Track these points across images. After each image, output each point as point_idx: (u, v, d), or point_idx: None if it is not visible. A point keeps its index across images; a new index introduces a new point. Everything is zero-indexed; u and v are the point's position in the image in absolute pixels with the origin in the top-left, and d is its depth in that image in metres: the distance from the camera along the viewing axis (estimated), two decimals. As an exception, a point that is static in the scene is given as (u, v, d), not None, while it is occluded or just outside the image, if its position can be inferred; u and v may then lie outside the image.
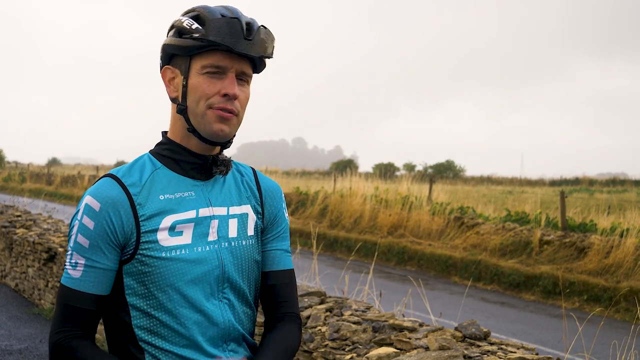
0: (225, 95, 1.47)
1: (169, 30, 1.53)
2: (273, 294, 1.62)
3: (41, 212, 11.62)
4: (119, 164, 54.91)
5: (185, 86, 1.48)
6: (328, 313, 3.80)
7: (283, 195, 1.71)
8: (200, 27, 1.44)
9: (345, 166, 45.04)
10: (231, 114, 1.49)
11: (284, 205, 1.70)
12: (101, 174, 36.56)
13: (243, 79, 1.51)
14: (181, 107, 1.49)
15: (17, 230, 8.65)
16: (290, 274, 1.65)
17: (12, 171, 44.58)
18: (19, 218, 9.50)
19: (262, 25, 1.48)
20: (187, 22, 1.47)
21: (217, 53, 1.45)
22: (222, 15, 1.45)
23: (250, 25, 1.46)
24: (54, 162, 69.52)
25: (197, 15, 1.47)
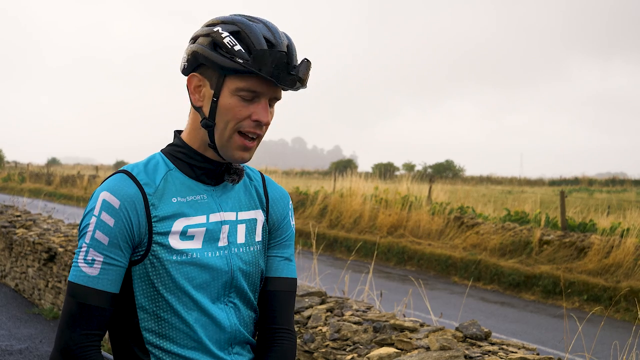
0: (256, 121, 1.44)
1: (202, 36, 1.46)
2: (269, 302, 1.60)
3: (41, 212, 11.62)
4: (119, 163, 54.89)
5: (215, 102, 1.44)
6: (329, 313, 3.80)
7: (291, 203, 1.70)
8: (244, 52, 1.39)
9: (345, 166, 45.11)
10: (255, 141, 1.48)
11: (291, 213, 1.68)
12: (100, 173, 36.60)
13: (273, 102, 1.49)
14: (208, 123, 1.46)
15: (17, 230, 8.65)
16: (288, 283, 1.61)
17: (11, 171, 44.57)
18: (19, 218, 9.50)
19: (305, 59, 1.44)
20: (228, 39, 1.40)
21: (254, 78, 1.41)
22: (267, 42, 1.40)
23: (291, 57, 1.42)
24: (53, 162, 69.47)
25: (237, 32, 1.42)
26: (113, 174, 1.48)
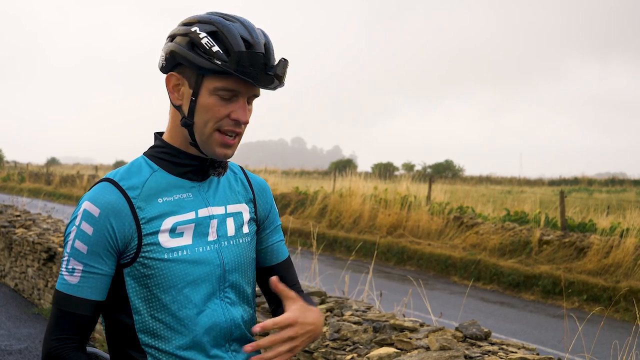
0: (235, 119, 1.46)
1: (179, 35, 1.46)
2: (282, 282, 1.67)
3: (40, 211, 11.61)
4: (118, 163, 54.83)
5: (194, 102, 1.45)
6: (329, 313, 3.80)
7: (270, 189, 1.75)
8: (222, 53, 1.39)
9: (344, 166, 45.05)
10: (235, 139, 1.49)
11: (273, 199, 1.74)
12: (100, 173, 36.58)
13: (251, 99, 1.50)
14: (188, 122, 1.47)
15: (17, 230, 8.64)
16: (290, 261, 1.72)
17: (11, 171, 44.53)
18: (18, 218, 9.49)
19: (282, 58, 1.45)
20: (205, 40, 1.40)
21: (232, 77, 1.42)
22: (244, 42, 1.41)
23: (269, 57, 1.43)
24: (52, 161, 69.40)
25: (214, 32, 1.42)
26: (96, 183, 1.49)
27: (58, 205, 17.70)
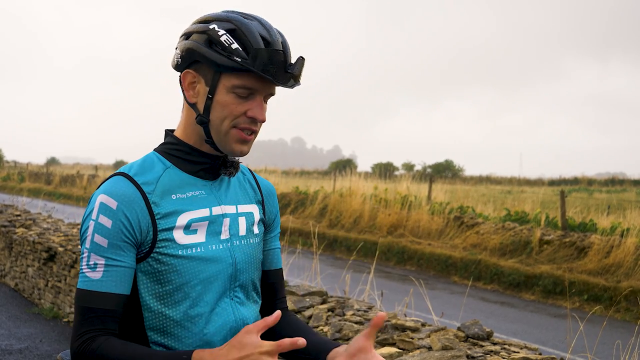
0: (251, 117, 1.46)
1: (196, 33, 1.45)
2: (273, 291, 1.67)
3: (40, 211, 11.60)
4: (118, 163, 54.77)
5: (210, 99, 1.45)
6: (330, 313, 3.79)
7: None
8: (241, 50, 1.40)
9: (344, 166, 45.02)
10: (252, 135, 1.49)
11: (278, 206, 1.75)
12: (100, 173, 36.57)
13: (267, 98, 1.50)
14: (203, 120, 1.46)
15: (17, 230, 8.63)
16: (282, 272, 1.72)
17: (10, 170, 44.52)
18: (19, 217, 9.49)
19: (300, 57, 1.46)
20: (225, 37, 1.40)
21: (250, 75, 1.42)
22: (263, 40, 1.41)
23: (287, 55, 1.44)
24: (52, 161, 69.41)
25: (233, 30, 1.42)
26: (109, 177, 1.47)
27: (58, 204, 17.70)
